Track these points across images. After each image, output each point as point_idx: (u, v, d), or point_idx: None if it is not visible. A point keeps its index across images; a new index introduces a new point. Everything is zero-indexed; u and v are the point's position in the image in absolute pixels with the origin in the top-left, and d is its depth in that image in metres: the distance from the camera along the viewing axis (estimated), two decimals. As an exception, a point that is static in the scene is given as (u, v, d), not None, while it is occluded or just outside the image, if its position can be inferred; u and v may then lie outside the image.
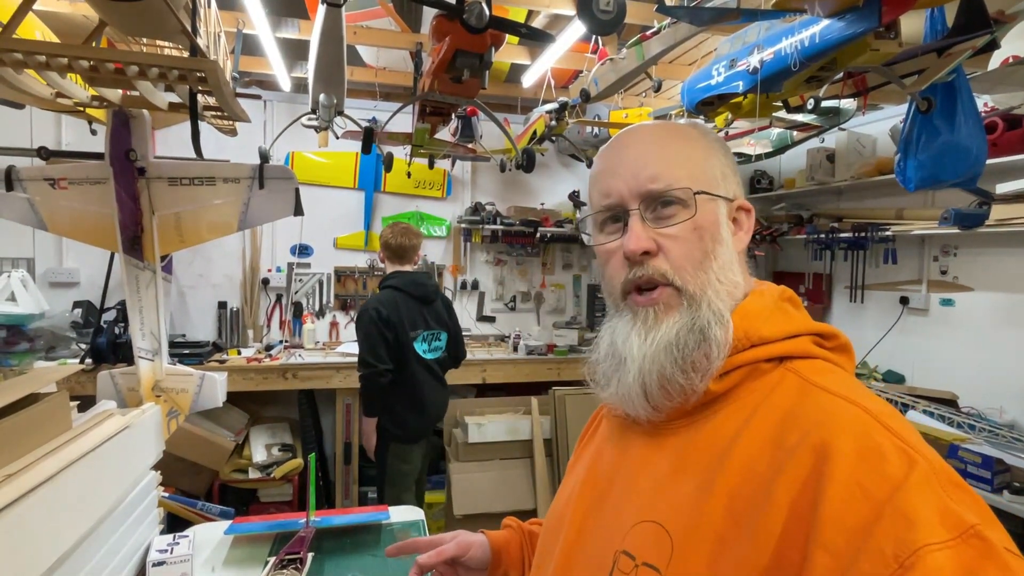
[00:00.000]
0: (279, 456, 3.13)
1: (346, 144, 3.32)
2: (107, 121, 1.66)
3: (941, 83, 1.69)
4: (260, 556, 1.32)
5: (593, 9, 1.52)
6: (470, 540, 0.83)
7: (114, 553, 1.08)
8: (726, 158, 0.66)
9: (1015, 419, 2.54)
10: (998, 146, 2.34)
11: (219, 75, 1.22)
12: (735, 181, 0.66)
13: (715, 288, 0.59)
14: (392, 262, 2.62)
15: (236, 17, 2.54)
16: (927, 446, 0.48)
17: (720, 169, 0.64)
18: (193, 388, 1.71)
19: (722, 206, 0.63)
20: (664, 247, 0.60)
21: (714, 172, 0.63)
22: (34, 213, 1.70)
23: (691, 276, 0.59)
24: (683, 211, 0.60)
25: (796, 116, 2.55)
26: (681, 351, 0.57)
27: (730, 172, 0.66)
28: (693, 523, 0.53)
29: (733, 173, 0.66)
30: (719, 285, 0.59)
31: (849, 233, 3.16)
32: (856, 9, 1.42)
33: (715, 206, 0.62)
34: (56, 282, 3.37)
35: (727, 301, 0.60)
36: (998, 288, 2.68)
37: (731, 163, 0.67)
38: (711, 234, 0.60)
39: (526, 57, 3.12)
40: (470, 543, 0.82)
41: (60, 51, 1.14)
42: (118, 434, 1.12)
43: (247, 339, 3.67)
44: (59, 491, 0.88)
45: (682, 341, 0.57)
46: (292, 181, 1.75)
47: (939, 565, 0.40)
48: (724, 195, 0.63)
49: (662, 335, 0.58)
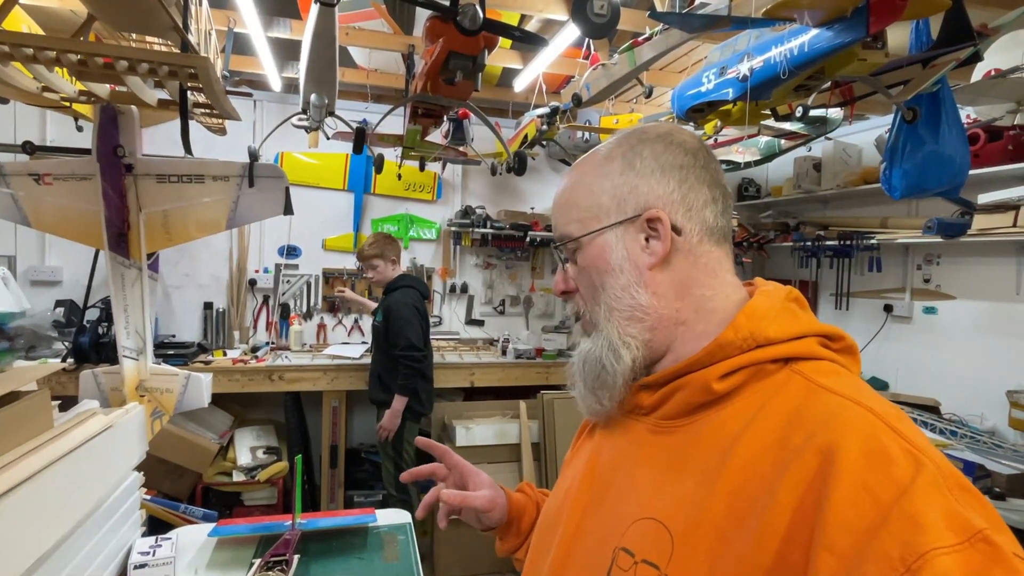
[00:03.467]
0: (264, 459, 3.09)
1: (336, 145, 3.30)
2: (95, 117, 1.63)
3: (926, 94, 1.72)
4: (244, 559, 1.30)
5: (587, 12, 1.53)
6: (495, 500, 0.84)
7: (95, 555, 1.06)
8: (627, 173, 0.64)
9: (995, 425, 2.58)
10: (980, 157, 2.39)
11: (210, 72, 1.21)
12: (646, 189, 0.63)
13: (607, 316, 0.64)
14: (395, 266, 3.04)
15: (227, 15, 2.53)
16: (934, 449, 0.48)
17: (611, 193, 0.64)
18: (178, 388, 1.69)
19: (611, 235, 0.64)
20: (577, 285, 0.69)
21: (601, 203, 0.65)
22: (17, 209, 1.67)
23: (590, 309, 0.67)
24: (579, 253, 0.67)
25: (784, 124, 2.58)
26: (585, 375, 0.66)
27: (630, 186, 0.63)
28: (694, 521, 0.52)
29: (646, 181, 0.63)
30: (613, 312, 0.64)
31: (835, 241, 3.20)
32: (844, 19, 1.44)
33: (602, 240, 0.65)
34: (38, 280, 3.31)
35: (629, 323, 0.63)
36: (979, 297, 2.73)
37: (632, 177, 0.64)
38: (596, 268, 0.65)
39: (518, 61, 3.13)
40: (495, 503, 0.84)
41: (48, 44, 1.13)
42: (101, 433, 1.10)
43: (233, 340, 3.63)
44: (40, 490, 0.86)
45: (587, 367, 0.65)
46: (282, 180, 1.74)
47: (946, 569, 0.40)
48: (613, 221, 0.64)
49: (577, 358, 0.68)
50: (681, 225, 0.62)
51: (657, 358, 0.64)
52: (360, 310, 3.86)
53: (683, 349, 0.62)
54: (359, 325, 3.95)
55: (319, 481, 3.45)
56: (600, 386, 0.64)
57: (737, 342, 0.58)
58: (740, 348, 0.58)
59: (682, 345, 0.62)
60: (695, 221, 0.63)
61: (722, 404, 0.58)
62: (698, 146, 0.65)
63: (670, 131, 0.66)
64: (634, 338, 0.63)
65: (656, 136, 0.65)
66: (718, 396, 0.58)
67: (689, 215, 0.63)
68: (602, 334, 0.64)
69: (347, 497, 3.41)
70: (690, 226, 0.63)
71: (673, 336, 0.63)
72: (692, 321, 0.62)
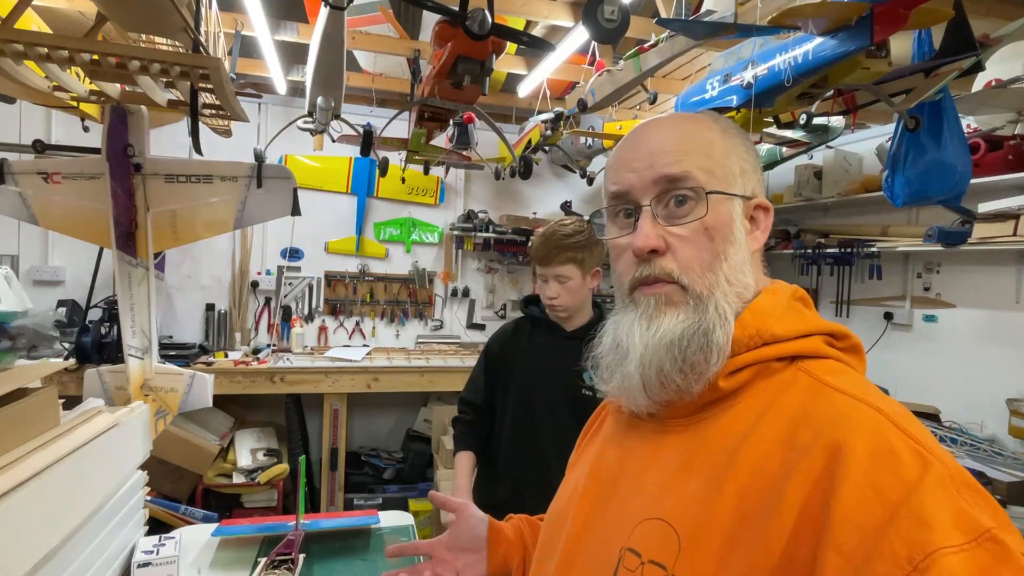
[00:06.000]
0: (264, 461, 3.08)
1: (340, 148, 3.32)
2: (105, 117, 1.64)
3: (928, 103, 1.74)
4: (247, 559, 1.30)
5: (598, 17, 1.55)
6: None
7: (99, 553, 1.06)
8: (747, 153, 0.64)
9: (995, 433, 2.58)
10: (980, 166, 2.40)
11: (222, 73, 1.22)
12: (756, 178, 0.64)
13: (723, 290, 0.58)
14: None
15: (235, 18, 2.54)
16: (942, 448, 0.47)
17: (739, 165, 0.62)
18: (183, 388, 1.69)
19: (737, 205, 0.61)
20: (673, 246, 0.59)
21: (732, 168, 0.61)
22: (25, 207, 1.68)
23: (699, 276, 0.58)
24: (695, 209, 0.59)
25: (786, 132, 2.60)
26: (682, 352, 0.56)
27: (750, 168, 0.63)
28: (701, 521, 0.52)
29: (754, 169, 0.64)
30: (727, 287, 0.59)
31: (835, 249, 3.21)
32: (849, 28, 1.46)
33: (729, 205, 0.60)
34: (40, 280, 3.31)
35: (735, 303, 0.59)
36: (979, 305, 2.74)
37: (752, 159, 0.64)
38: (722, 235, 0.59)
39: (522, 67, 3.15)
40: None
41: (62, 43, 1.14)
42: (107, 432, 1.10)
43: (234, 342, 3.63)
44: (46, 487, 0.86)
45: (684, 342, 0.56)
46: (290, 181, 1.74)
47: (953, 569, 0.39)
48: (741, 193, 0.61)
49: (664, 329, 0.58)
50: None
51: None
52: None
53: None
54: (360, 328, 3.95)
55: (319, 484, 3.43)
56: (692, 367, 0.56)
57: (743, 339, 0.57)
58: (746, 346, 0.57)
59: None
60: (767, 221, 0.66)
61: (728, 402, 0.57)
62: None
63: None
64: (736, 316, 0.59)
65: (739, 128, 0.67)
66: (724, 394, 0.57)
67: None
68: (711, 305, 0.57)
69: (347, 500, 3.39)
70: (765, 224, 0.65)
71: None
72: None
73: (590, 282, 1.55)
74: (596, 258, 1.53)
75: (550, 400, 1.52)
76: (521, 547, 0.87)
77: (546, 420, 1.52)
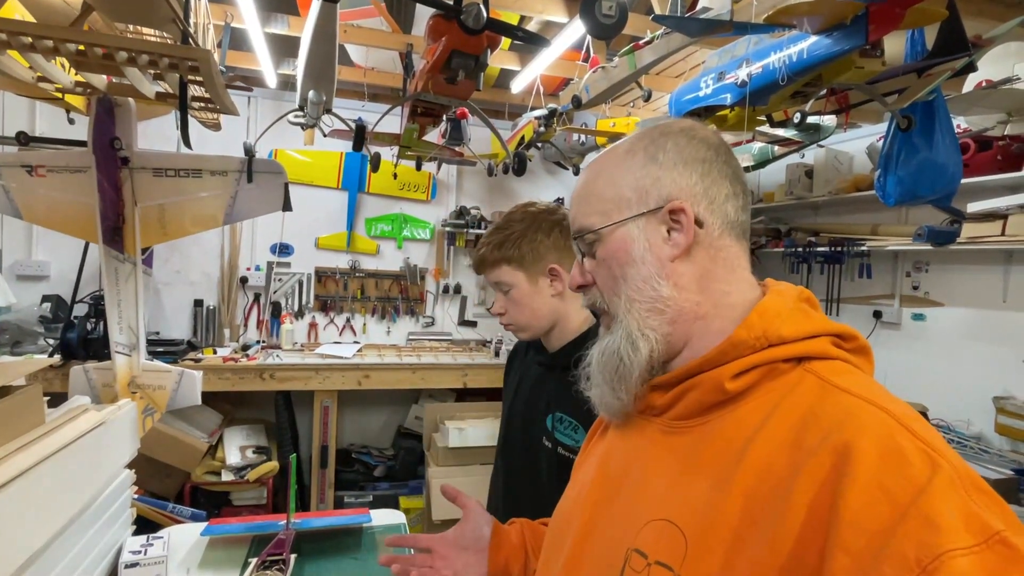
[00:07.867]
0: (253, 458, 3.05)
1: (330, 143, 3.28)
2: (91, 109, 1.61)
3: (921, 102, 1.75)
4: (237, 559, 1.28)
5: (595, 13, 1.54)
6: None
7: (86, 553, 1.04)
8: (649, 166, 0.63)
9: (982, 431, 2.61)
10: (970, 166, 2.42)
11: (212, 65, 1.20)
12: (670, 181, 0.62)
13: (627, 308, 0.63)
14: None
15: (224, 10, 2.50)
16: (951, 450, 0.47)
17: (633, 185, 0.63)
18: (171, 385, 1.66)
19: (633, 226, 0.63)
20: (595, 278, 0.67)
21: (624, 194, 0.64)
22: (8, 201, 1.64)
23: (610, 301, 0.65)
24: (598, 246, 0.66)
25: (779, 131, 2.61)
26: (604, 369, 0.64)
27: (655, 177, 0.63)
28: (708, 522, 0.52)
29: (668, 173, 0.62)
30: (631, 304, 0.63)
31: (826, 247, 3.23)
32: (844, 27, 1.46)
33: (623, 231, 0.64)
34: (24, 275, 3.24)
35: (648, 317, 0.62)
36: (967, 304, 2.77)
37: (663, 166, 0.63)
38: (617, 260, 0.64)
39: (516, 63, 3.13)
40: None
41: (47, 33, 1.11)
42: (93, 430, 1.08)
43: (223, 338, 3.59)
44: (31, 487, 0.84)
45: (605, 360, 0.64)
46: (282, 176, 1.72)
47: (963, 571, 0.39)
48: (635, 213, 0.63)
49: (599, 348, 0.66)
50: (703, 218, 0.62)
51: (675, 353, 0.63)
52: None
53: (700, 344, 0.61)
54: (351, 324, 3.92)
55: (308, 481, 3.41)
56: (618, 380, 0.63)
57: (750, 341, 0.57)
58: (753, 347, 0.57)
59: (699, 340, 0.61)
60: (717, 215, 0.62)
61: (735, 404, 0.57)
62: (719, 142, 0.65)
63: (692, 126, 0.66)
64: (653, 330, 0.62)
65: (679, 130, 0.65)
66: (731, 396, 0.57)
67: (711, 208, 0.62)
68: (621, 325, 0.63)
69: (337, 498, 3.38)
70: (712, 219, 0.62)
71: (692, 331, 0.62)
72: (711, 316, 0.62)
73: (548, 287, 1.13)
74: (544, 253, 1.12)
75: (519, 448, 1.25)
76: (523, 553, 0.87)
77: (512, 477, 1.30)
